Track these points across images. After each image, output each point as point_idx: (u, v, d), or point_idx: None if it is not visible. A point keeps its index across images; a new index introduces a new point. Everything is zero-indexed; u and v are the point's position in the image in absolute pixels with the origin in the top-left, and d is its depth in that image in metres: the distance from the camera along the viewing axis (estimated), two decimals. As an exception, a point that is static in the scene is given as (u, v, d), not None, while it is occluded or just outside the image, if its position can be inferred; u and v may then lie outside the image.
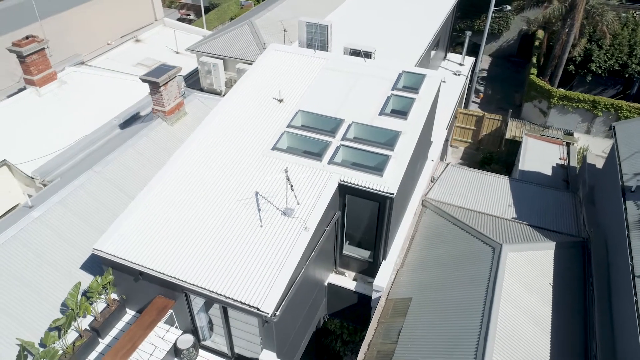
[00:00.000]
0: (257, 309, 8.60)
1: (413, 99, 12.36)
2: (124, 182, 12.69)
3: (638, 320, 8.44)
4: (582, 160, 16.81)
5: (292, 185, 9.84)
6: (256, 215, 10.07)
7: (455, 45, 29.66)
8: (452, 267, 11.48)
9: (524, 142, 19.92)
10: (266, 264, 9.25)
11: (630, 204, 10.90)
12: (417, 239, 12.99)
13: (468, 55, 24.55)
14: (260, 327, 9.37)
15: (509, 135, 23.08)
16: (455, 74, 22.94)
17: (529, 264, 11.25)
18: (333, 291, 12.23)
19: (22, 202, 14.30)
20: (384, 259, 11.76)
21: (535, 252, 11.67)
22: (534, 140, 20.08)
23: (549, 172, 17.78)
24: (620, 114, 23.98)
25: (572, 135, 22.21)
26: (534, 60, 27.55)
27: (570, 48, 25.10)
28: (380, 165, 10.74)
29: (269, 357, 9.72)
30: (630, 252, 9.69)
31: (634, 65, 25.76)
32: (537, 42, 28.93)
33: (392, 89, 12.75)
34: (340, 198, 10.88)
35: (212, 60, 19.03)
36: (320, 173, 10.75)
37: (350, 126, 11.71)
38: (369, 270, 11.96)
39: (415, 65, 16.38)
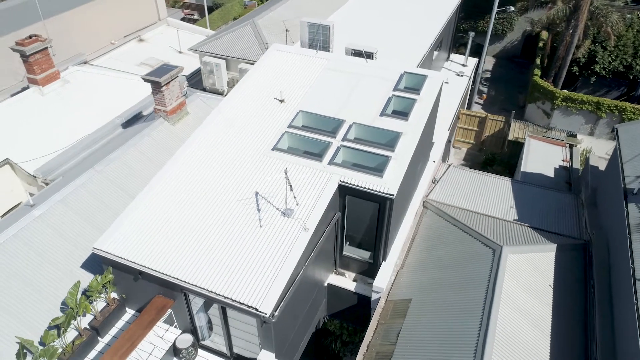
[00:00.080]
0: (256, 309, 8.60)
1: (414, 100, 12.34)
2: (126, 181, 12.72)
3: (638, 324, 8.39)
4: (585, 162, 16.73)
5: (291, 186, 9.84)
6: (256, 216, 10.07)
7: (459, 46, 29.58)
8: (452, 269, 11.45)
9: (526, 144, 19.84)
10: (265, 264, 9.25)
11: (632, 206, 10.83)
12: (417, 240, 12.96)
13: (472, 56, 24.48)
14: (259, 328, 9.38)
15: (511, 137, 23.01)
16: (458, 75, 22.88)
17: (529, 266, 11.21)
18: (333, 292, 12.22)
19: (24, 200, 14.35)
20: (384, 260, 11.74)
21: (536, 254, 11.62)
22: (537, 142, 20.00)
23: (551, 173, 17.70)
24: (624, 116, 23.85)
25: (575, 136, 22.13)
26: (538, 61, 27.44)
27: (574, 49, 24.99)
28: (381, 166, 10.73)
29: (268, 358, 9.72)
30: (632, 255, 9.63)
31: (638, 67, 25.62)
32: (541, 43, 28.81)
33: (394, 89, 12.73)
34: (340, 199, 10.88)
35: (214, 60, 19.05)
36: (320, 173, 10.75)
37: (351, 127, 11.70)
38: (369, 271, 11.95)
39: (418, 66, 16.36)
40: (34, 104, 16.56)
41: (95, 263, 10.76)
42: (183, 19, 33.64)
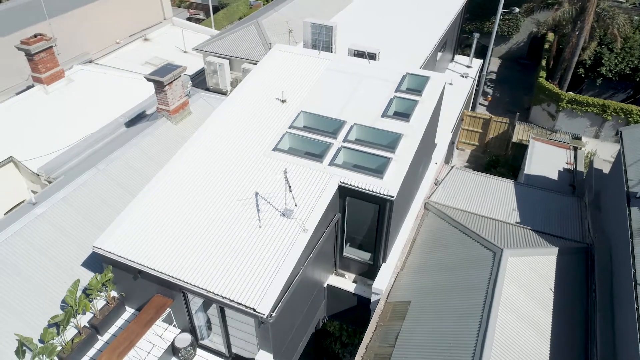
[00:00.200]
0: (254, 310, 8.60)
1: (416, 102, 12.30)
2: (127, 180, 12.77)
3: (639, 329, 8.31)
4: (589, 164, 16.60)
5: (290, 187, 9.83)
6: (255, 216, 10.07)
7: (464, 47, 29.48)
8: (452, 272, 11.40)
9: (530, 146, 19.71)
10: (264, 265, 9.25)
11: (635, 210, 10.72)
12: (418, 242, 12.92)
13: (476, 57, 24.38)
14: (257, 328, 9.38)
15: (515, 139, 22.88)
16: (462, 76, 22.81)
17: (530, 270, 11.13)
18: (333, 293, 12.20)
19: (28, 198, 14.45)
20: (384, 261, 11.71)
21: (537, 257, 11.54)
22: (541, 144, 19.86)
23: (555, 176, 17.58)
24: (630, 119, 23.65)
25: (579, 139, 21.97)
26: (543, 63, 27.28)
27: (580, 51, 24.82)
28: (381, 168, 10.70)
29: (266, 358, 9.72)
30: (633, 260, 9.54)
31: (645, 69, 25.45)
32: (547, 45, 28.64)
33: (396, 90, 12.69)
34: (340, 200, 10.86)
35: (218, 60, 19.09)
36: (320, 174, 10.74)
37: (352, 128, 11.68)
38: (368, 272, 11.92)
39: (421, 67, 16.31)
40: (38, 102, 16.66)
41: (96, 261, 10.81)
42: (188, 19, 33.76)
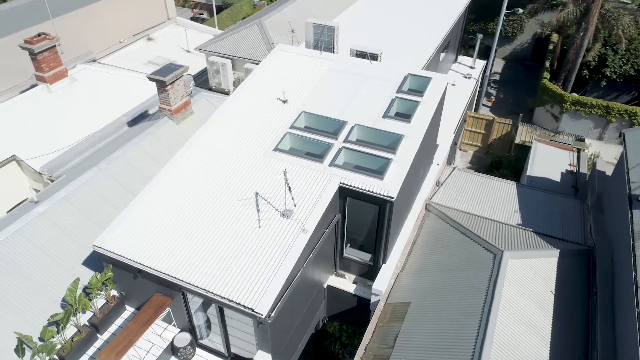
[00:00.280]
0: (252, 310, 8.60)
1: (417, 102, 12.27)
2: (129, 179, 12.79)
3: (639, 333, 8.26)
4: (592, 166, 16.52)
5: (289, 187, 9.82)
6: (255, 216, 10.08)
7: (468, 48, 29.38)
8: (453, 273, 11.37)
9: (533, 147, 19.64)
10: (263, 265, 9.25)
11: (637, 213, 10.66)
12: (419, 243, 12.89)
13: (480, 58, 24.29)
14: (256, 328, 9.38)
15: (518, 140, 22.80)
16: (465, 77, 22.72)
17: (530, 272, 11.09)
18: (332, 293, 12.19)
19: (29, 197, 14.51)
20: (384, 262, 11.69)
21: (538, 259, 11.50)
22: (544, 146, 19.79)
23: (557, 178, 17.50)
24: (635, 121, 23.53)
25: (583, 141, 21.86)
26: (547, 64, 27.17)
27: (584, 52, 24.70)
28: (382, 169, 10.68)
29: (264, 358, 9.72)
30: (634, 262, 9.49)
31: (649, 71, 25.30)
32: (551, 46, 28.52)
33: (397, 91, 12.67)
34: (340, 200, 10.85)
35: (220, 60, 19.10)
36: (321, 175, 10.73)
37: (353, 128, 11.66)
38: (369, 273, 11.90)
39: (424, 67, 16.27)
40: (41, 101, 16.73)
41: (97, 260, 10.83)
42: (192, 19, 33.76)
